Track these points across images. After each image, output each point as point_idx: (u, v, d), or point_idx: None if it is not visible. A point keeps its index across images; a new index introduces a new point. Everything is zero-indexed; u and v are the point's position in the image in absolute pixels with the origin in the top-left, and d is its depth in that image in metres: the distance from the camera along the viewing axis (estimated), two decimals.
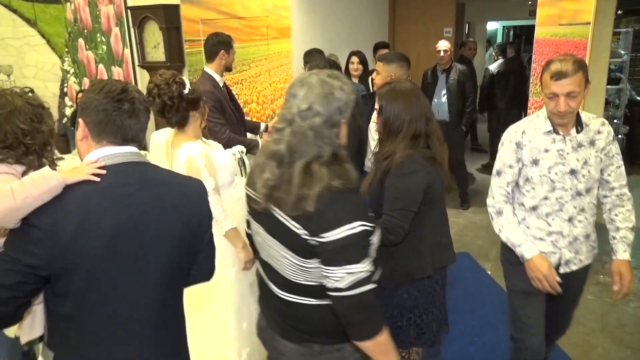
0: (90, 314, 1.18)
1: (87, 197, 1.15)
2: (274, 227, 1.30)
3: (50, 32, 5.57)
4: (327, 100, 1.25)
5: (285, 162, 1.26)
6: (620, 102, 6.02)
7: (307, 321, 1.36)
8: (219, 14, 4.30)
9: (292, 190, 1.22)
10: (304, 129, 1.24)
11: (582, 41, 3.05)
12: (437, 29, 5.46)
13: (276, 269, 1.36)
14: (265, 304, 1.50)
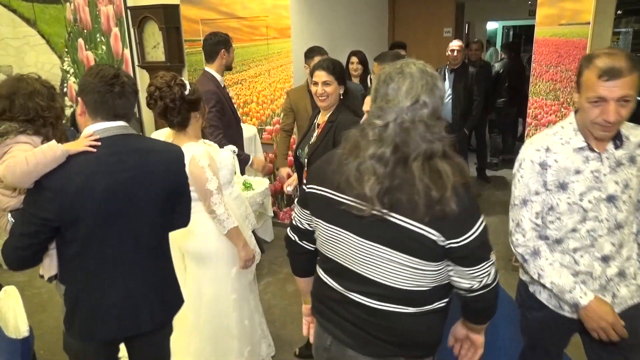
0: (92, 255, 1.54)
1: (86, 164, 1.48)
2: (385, 232, 1.18)
3: (49, 32, 5.58)
4: (432, 91, 1.17)
5: (393, 161, 1.15)
6: None
7: (400, 332, 1.26)
8: (218, 14, 4.30)
9: (419, 192, 1.11)
10: (414, 123, 1.15)
11: (582, 41, 3.06)
12: (436, 29, 5.46)
13: (368, 276, 1.24)
14: (334, 319, 1.33)
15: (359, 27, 5.04)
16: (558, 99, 3.20)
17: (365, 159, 1.17)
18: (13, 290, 1.78)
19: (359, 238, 1.23)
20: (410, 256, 1.18)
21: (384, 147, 1.16)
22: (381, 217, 1.17)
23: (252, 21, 4.15)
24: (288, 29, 4.02)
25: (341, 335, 1.32)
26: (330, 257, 1.33)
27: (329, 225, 1.30)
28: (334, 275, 1.34)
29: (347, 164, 1.20)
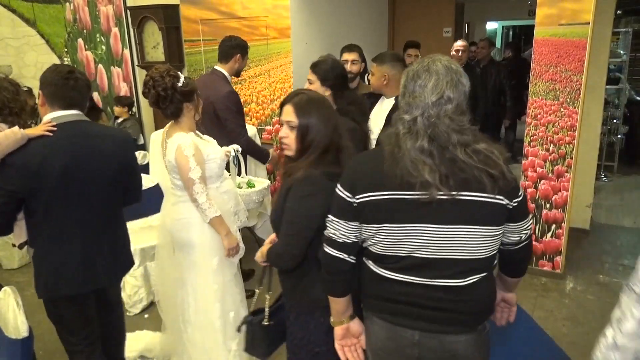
0: (53, 221, 1.82)
1: (45, 145, 1.76)
2: (460, 212, 1.27)
3: (49, 32, 5.57)
4: (457, 87, 1.27)
5: (435, 150, 1.24)
6: (619, 102, 6.02)
7: (481, 299, 1.39)
8: (218, 14, 4.30)
9: (479, 174, 1.24)
10: (439, 118, 1.24)
11: (582, 41, 3.05)
12: (436, 29, 5.46)
13: (453, 258, 1.32)
14: (419, 313, 1.38)
15: (359, 27, 5.04)
16: (558, 99, 3.20)
17: (409, 152, 1.24)
18: (13, 290, 1.79)
19: (438, 226, 1.29)
20: (486, 226, 1.30)
21: (420, 139, 1.24)
22: (451, 199, 1.25)
23: (252, 21, 4.15)
24: (288, 29, 4.01)
25: (433, 325, 1.37)
26: (404, 255, 1.35)
27: (400, 225, 1.31)
28: (413, 270, 1.35)
29: (399, 160, 1.26)
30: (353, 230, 1.39)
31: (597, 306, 3.10)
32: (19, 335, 1.71)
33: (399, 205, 1.29)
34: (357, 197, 1.34)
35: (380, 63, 2.64)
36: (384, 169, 1.28)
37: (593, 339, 2.92)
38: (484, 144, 1.26)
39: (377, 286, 1.43)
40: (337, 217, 1.40)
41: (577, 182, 3.75)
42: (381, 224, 1.33)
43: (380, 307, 1.44)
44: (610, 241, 4.06)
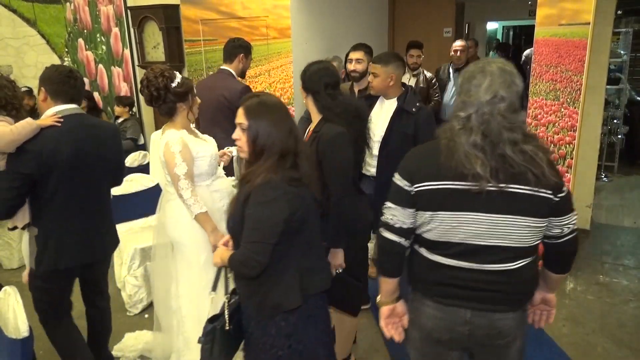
0: (60, 201, 2.07)
1: (55, 134, 2.02)
2: (510, 203, 1.39)
3: (49, 32, 5.57)
4: (510, 87, 1.36)
5: (487, 146, 1.35)
6: (620, 102, 6.02)
7: (527, 280, 1.52)
8: (218, 14, 4.30)
9: (526, 168, 1.35)
10: (493, 115, 1.35)
11: (582, 41, 3.05)
12: (436, 29, 5.46)
13: (501, 245, 1.44)
14: (470, 295, 1.49)
15: (359, 27, 5.04)
16: (558, 99, 3.20)
17: (463, 146, 1.36)
18: (13, 290, 1.79)
19: (487, 214, 1.41)
20: (530, 217, 1.41)
21: (474, 135, 1.35)
22: (500, 191, 1.37)
23: (252, 21, 4.15)
24: (288, 29, 4.02)
25: (484, 305, 1.49)
26: (457, 242, 1.46)
27: (453, 213, 1.43)
28: (466, 256, 1.47)
29: (454, 152, 1.37)
30: (409, 216, 1.50)
31: (597, 306, 3.10)
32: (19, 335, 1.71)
33: (453, 194, 1.41)
34: (415, 186, 1.46)
35: (386, 64, 2.60)
36: (440, 161, 1.39)
37: (593, 339, 2.94)
38: (531, 145, 1.36)
39: (431, 272, 1.54)
40: (394, 203, 1.51)
41: (578, 182, 3.75)
42: (436, 212, 1.44)
43: (433, 291, 1.55)
44: (611, 241, 4.06)
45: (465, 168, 1.35)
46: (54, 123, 2.03)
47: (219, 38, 4.35)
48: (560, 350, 2.67)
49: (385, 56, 2.66)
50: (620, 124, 5.98)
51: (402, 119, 2.55)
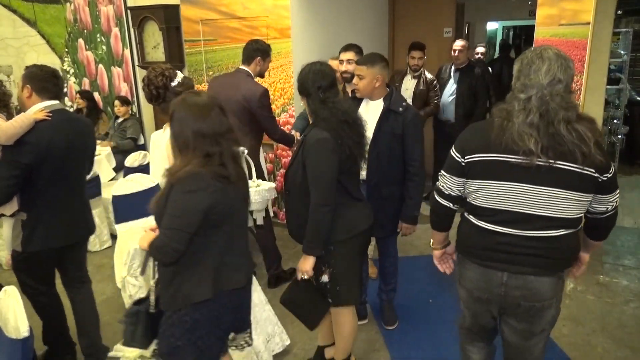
0: (51, 189, 2.29)
1: (48, 127, 2.22)
2: (556, 177, 1.55)
3: (50, 33, 5.58)
4: (566, 71, 1.52)
5: (543, 125, 1.51)
6: (620, 102, 6.02)
7: (567, 248, 1.67)
8: (218, 14, 4.30)
9: (574, 147, 1.50)
10: (552, 96, 1.50)
11: (582, 41, 3.05)
12: (437, 29, 5.46)
13: (543, 215, 1.60)
14: (509, 258, 1.67)
15: (359, 27, 5.04)
16: None
17: (519, 125, 1.51)
18: (13, 290, 1.79)
19: (533, 186, 1.57)
20: (574, 191, 1.56)
21: (532, 115, 1.51)
22: (549, 166, 1.53)
23: (252, 21, 4.15)
24: (288, 29, 4.02)
25: (520, 268, 1.66)
26: (502, 209, 1.65)
27: (500, 182, 1.62)
28: (509, 223, 1.65)
29: (506, 130, 1.54)
30: (458, 184, 1.74)
31: (597, 306, 3.10)
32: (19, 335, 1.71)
33: (501, 166, 1.59)
34: (466, 157, 1.67)
35: (372, 65, 2.49)
36: (492, 137, 1.58)
37: (593, 339, 2.94)
38: (582, 125, 1.51)
39: (475, 236, 1.74)
40: (447, 172, 1.77)
41: None
42: (484, 180, 1.65)
43: (474, 254, 1.76)
44: (611, 241, 4.06)
45: (517, 144, 1.52)
46: (45, 117, 2.21)
47: (219, 38, 4.35)
48: (560, 350, 2.67)
49: (371, 57, 2.56)
50: (620, 124, 5.97)
51: (389, 119, 2.51)
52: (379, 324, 2.97)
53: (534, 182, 1.57)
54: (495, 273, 1.71)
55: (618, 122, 5.95)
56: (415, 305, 3.13)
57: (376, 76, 2.50)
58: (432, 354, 2.67)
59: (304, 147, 2.06)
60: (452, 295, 3.26)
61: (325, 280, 2.19)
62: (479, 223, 1.72)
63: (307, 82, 2.10)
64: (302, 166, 2.05)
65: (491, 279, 1.72)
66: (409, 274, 3.46)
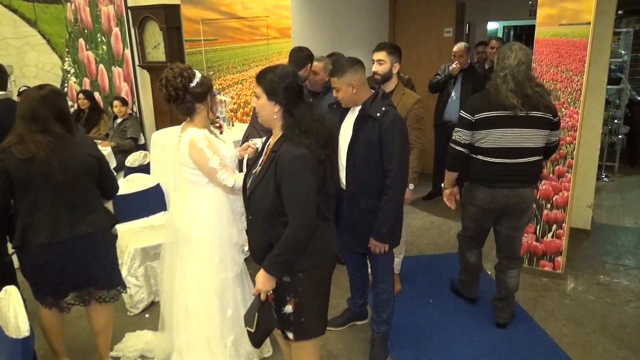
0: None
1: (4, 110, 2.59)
2: (532, 121, 2.48)
3: (50, 32, 5.58)
4: (527, 56, 2.47)
5: (518, 91, 2.42)
6: (620, 102, 6.02)
7: (539, 170, 2.69)
8: (219, 14, 4.30)
9: (539, 102, 2.45)
10: (519, 73, 2.43)
11: (583, 41, 3.05)
12: (437, 29, 5.46)
13: (525, 146, 2.52)
14: (505, 179, 2.57)
15: (360, 27, 5.04)
16: (559, 99, 3.19)
17: (504, 92, 2.43)
18: (14, 290, 1.79)
19: (519, 129, 2.49)
20: (542, 129, 2.51)
21: (509, 84, 2.43)
22: (526, 115, 2.46)
23: (253, 21, 4.15)
24: (288, 29, 4.02)
25: (514, 184, 2.58)
26: (499, 147, 2.53)
27: (499, 129, 2.51)
28: (503, 156, 2.55)
29: (498, 96, 2.45)
30: (469, 136, 2.58)
31: (597, 306, 3.10)
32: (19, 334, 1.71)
33: (498, 118, 2.49)
34: (475, 116, 2.53)
35: (341, 75, 2.28)
36: (491, 100, 2.50)
37: (594, 340, 2.94)
38: (539, 88, 2.48)
39: (483, 169, 2.61)
40: (461, 128, 2.59)
41: (578, 183, 3.75)
42: (488, 129, 2.52)
43: (483, 180, 2.63)
44: (611, 241, 4.06)
45: (506, 103, 2.44)
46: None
47: (219, 38, 4.35)
48: (561, 350, 2.67)
49: (339, 66, 2.33)
50: (620, 124, 5.97)
51: (367, 124, 2.30)
52: None
53: (518, 126, 2.49)
54: (499, 190, 2.61)
55: (618, 122, 5.95)
56: (415, 305, 3.13)
57: (349, 84, 2.28)
58: (432, 354, 2.67)
59: (277, 164, 1.79)
60: (452, 295, 3.27)
61: (288, 312, 1.92)
62: (486, 159, 2.59)
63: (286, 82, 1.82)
64: (275, 187, 1.80)
65: (496, 194, 2.61)
66: (409, 274, 3.46)
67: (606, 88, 4.06)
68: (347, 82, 2.29)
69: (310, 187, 1.79)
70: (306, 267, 1.87)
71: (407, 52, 5.29)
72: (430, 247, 4.05)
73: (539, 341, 2.75)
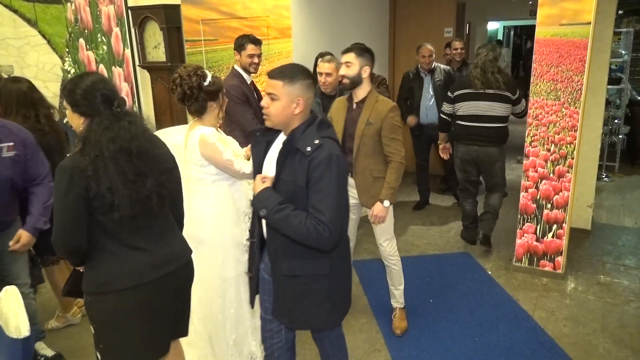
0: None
1: None
2: (492, 96, 3.50)
3: (50, 32, 5.58)
4: (494, 51, 3.53)
5: (483, 75, 3.48)
6: (621, 102, 6.01)
7: (503, 134, 3.61)
8: (219, 14, 4.30)
9: (497, 82, 3.46)
10: (487, 62, 3.48)
11: (583, 41, 3.05)
12: (437, 29, 5.46)
13: (489, 114, 3.53)
14: (476, 139, 3.60)
15: (360, 27, 5.04)
16: (559, 99, 3.19)
17: (475, 75, 3.52)
18: (14, 290, 1.78)
19: (484, 102, 3.54)
20: (503, 103, 3.53)
21: (479, 70, 3.50)
22: (490, 92, 3.50)
23: (253, 21, 4.15)
24: (289, 29, 4.02)
25: (482, 143, 3.59)
26: (470, 114, 3.59)
27: (470, 102, 3.58)
28: (473, 120, 3.58)
29: (472, 79, 3.54)
30: (451, 108, 3.73)
31: (598, 306, 3.10)
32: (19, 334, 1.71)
33: (471, 94, 3.57)
34: (455, 93, 3.68)
35: (290, 81, 1.70)
36: (465, 82, 3.65)
37: (594, 340, 2.94)
38: (500, 75, 3.49)
39: (462, 130, 3.66)
40: (447, 102, 3.77)
41: (578, 183, 3.75)
42: (463, 102, 3.62)
43: (462, 138, 3.68)
44: (612, 241, 4.06)
45: (474, 83, 3.52)
46: None
47: (219, 38, 4.35)
48: (561, 350, 2.66)
49: (293, 72, 1.74)
50: (621, 124, 5.97)
51: (293, 161, 1.71)
52: (379, 323, 2.97)
53: (482, 100, 3.55)
54: (472, 147, 3.64)
55: (619, 122, 5.94)
56: (415, 305, 3.13)
57: (296, 97, 1.71)
58: (432, 354, 2.67)
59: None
60: (452, 295, 3.27)
61: None
62: (463, 123, 3.66)
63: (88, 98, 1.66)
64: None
65: (470, 149, 3.65)
66: (410, 274, 3.45)
67: (606, 88, 4.06)
68: (294, 95, 1.70)
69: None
70: (91, 290, 1.71)
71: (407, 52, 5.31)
72: (430, 247, 4.04)
73: (539, 341, 2.75)
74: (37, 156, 2.40)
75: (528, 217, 3.43)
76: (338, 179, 1.67)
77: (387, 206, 2.59)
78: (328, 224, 1.63)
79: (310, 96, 1.77)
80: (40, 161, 2.42)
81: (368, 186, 2.64)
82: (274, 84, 1.71)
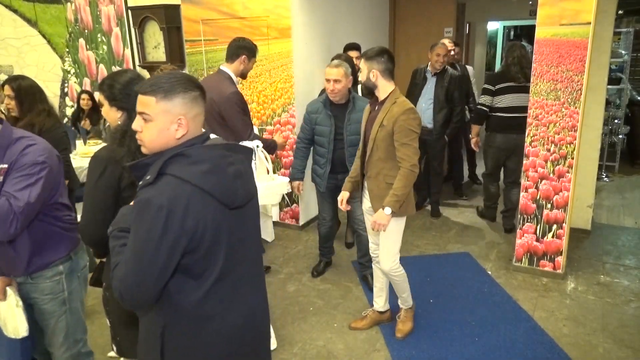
0: None
1: None
2: (527, 89, 3.46)
3: (50, 32, 5.58)
4: (525, 49, 4.01)
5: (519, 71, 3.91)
6: (621, 102, 6.01)
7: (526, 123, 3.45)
8: (219, 14, 4.30)
9: (527, 77, 3.54)
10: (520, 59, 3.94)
11: (583, 41, 3.05)
12: (437, 29, 5.45)
13: (524, 105, 3.54)
14: (517, 128, 3.79)
15: (360, 27, 5.04)
16: (559, 99, 3.19)
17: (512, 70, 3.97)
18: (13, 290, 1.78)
19: (524, 93, 3.75)
20: (529, 94, 3.47)
21: (517, 66, 3.94)
22: (525, 85, 3.75)
23: (253, 21, 4.15)
24: (289, 29, 4.02)
25: (518, 132, 3.74)
26: (510, 106, 4.01)
27: (513, 94, 4.00)
28: (514, 112, 3.99)
29: (511, 73, 3.98)
30: (490, 100, 4.05)
31: (598, 306, 3.09)
32: (18, 335, 1.71)
33: (511, 86, 3.96)
34: (497, 86, 4.00)
35: (165, 96, 1.30)
36: (507, 75, 3.98)
37: (594, 340, 2.93)
38: (528, 70, 3.49)
39: (500, 121, 4.02)
40: (485, 94, 4.07)
41: (578, 183, 3.75)
42: (504, 95, 3.99)
43: (499, 128, 4.05)
44: (612, 241, 4.06)
45: (514, 77, 3.91)
46: None
47: (220, 38, 4.35)
48: (561, 350, 2.66)
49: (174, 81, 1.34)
50: (621, 124, 5.97)
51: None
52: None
53: (525, 92, 3.62)
54: (511, 135, 3.97)
55: (619, 122, 5.94)
56: (415, 305, 3.13)
57: (176, 119, 1.30)
58: (432, 354, 2.67)
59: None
60: (452, 295, 3.26)
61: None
62: (501, 114, 4.00)
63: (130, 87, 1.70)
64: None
65: (509, 138, 3.99)
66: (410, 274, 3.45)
67: (606, 88, 4.06)
68: (173, 113, 1.29)
69: None
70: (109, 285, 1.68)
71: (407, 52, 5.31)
72: (430, 247, 4.04)
73: (539, 341, 2.75)
74: None
75: (528, 217, 3.43)
76: (147, 233, 1.21)
77: (388, 214, 2.44)
78: (120, 286, 1.24)
79: (198, 112, 1.34)
80: None
81: (381, 192, 2.52)
82: (145, 100, 1.30)
